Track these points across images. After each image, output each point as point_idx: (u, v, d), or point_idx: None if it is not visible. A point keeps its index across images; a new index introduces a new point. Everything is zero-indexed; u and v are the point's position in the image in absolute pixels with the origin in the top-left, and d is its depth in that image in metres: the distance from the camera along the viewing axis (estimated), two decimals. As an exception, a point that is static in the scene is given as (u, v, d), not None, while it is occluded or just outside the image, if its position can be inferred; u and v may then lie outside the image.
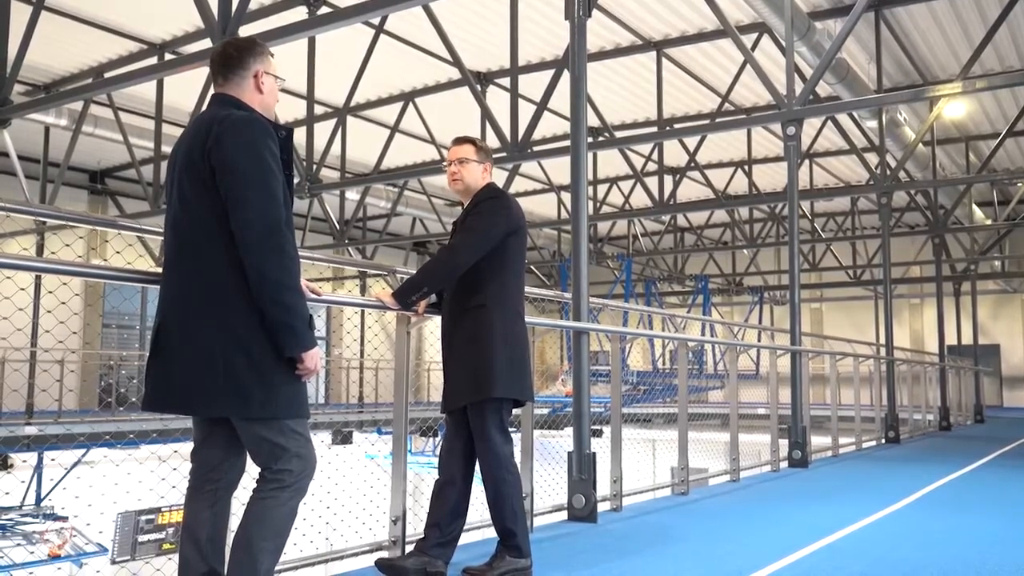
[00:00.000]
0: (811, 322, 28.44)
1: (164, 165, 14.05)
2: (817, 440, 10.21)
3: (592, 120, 14.49)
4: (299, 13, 10.96)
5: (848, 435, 10.73)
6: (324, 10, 10.71)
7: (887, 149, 14.07)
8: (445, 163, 3.73)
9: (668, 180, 18.28)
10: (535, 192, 21.23)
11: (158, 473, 4.43)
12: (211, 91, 2.72)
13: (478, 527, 4.26)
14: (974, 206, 19.89)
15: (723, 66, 13.53)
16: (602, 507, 5.25)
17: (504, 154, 10.68)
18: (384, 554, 3.68)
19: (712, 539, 4.66)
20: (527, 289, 4.07)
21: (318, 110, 15.17)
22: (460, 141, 3.74)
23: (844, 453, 10.11)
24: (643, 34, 12.65)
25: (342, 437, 17.13)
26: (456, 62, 10.60)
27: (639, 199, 20.52)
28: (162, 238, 2.63)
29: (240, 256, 2.39)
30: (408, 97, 14.84)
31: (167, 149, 13.66)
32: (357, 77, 12.31)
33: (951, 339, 19.94)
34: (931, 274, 17.56)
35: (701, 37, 12.54)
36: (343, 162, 15.24)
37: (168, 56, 12.72)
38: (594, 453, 4.89)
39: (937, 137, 15.79)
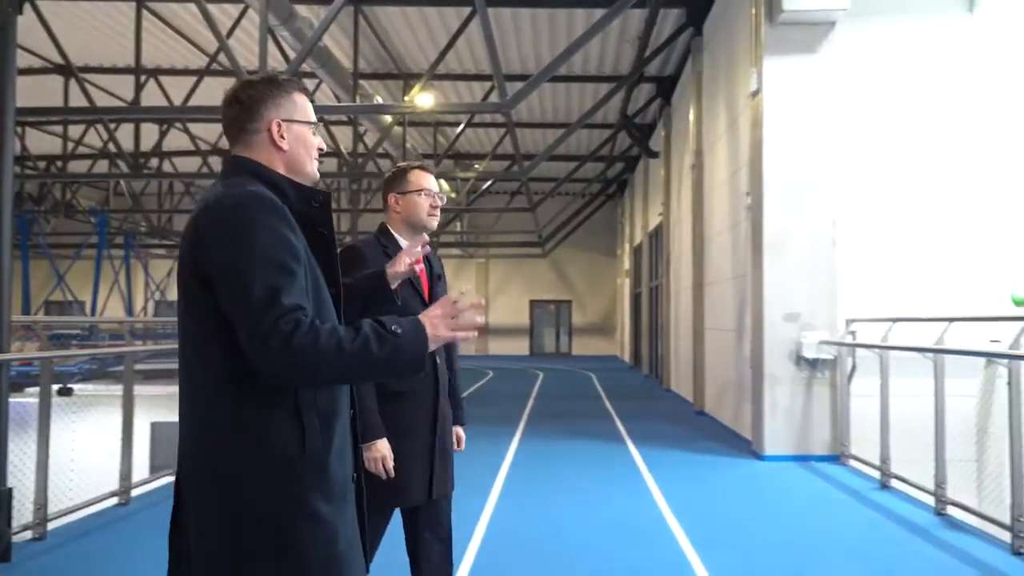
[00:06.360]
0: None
1: None
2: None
3: (56, 57, 13.05)
4: None
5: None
6: None
7: (363, 126, 15.21)
8: (418, 190, 2.99)
9: (152, 129, 17.40)
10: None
11: None
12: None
13: None
14: (443, 182, 22.43)
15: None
16: (23, 536, 4.99)
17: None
18: None
19: (143, 564, 4.70)
20: None
21: None
22: (429, 171, 3.09)
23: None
24: (121, -17, 11.76)
25: None
26: None
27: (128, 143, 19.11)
28: None
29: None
30: None
31: None
32: None
33: (423, 296, 22.61)
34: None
35: (186, -2, 12.02)
36: None
37: None
38: (11, 489, 4.61)
39: (410, 120, 17.38)
